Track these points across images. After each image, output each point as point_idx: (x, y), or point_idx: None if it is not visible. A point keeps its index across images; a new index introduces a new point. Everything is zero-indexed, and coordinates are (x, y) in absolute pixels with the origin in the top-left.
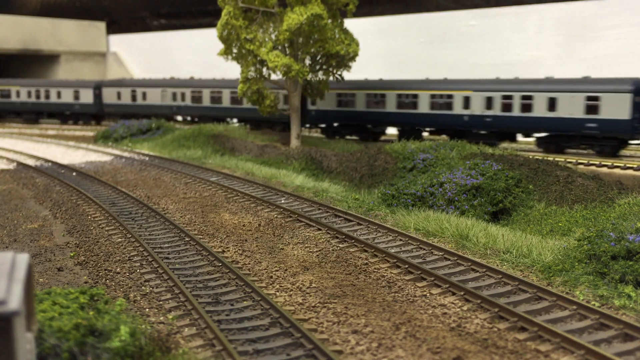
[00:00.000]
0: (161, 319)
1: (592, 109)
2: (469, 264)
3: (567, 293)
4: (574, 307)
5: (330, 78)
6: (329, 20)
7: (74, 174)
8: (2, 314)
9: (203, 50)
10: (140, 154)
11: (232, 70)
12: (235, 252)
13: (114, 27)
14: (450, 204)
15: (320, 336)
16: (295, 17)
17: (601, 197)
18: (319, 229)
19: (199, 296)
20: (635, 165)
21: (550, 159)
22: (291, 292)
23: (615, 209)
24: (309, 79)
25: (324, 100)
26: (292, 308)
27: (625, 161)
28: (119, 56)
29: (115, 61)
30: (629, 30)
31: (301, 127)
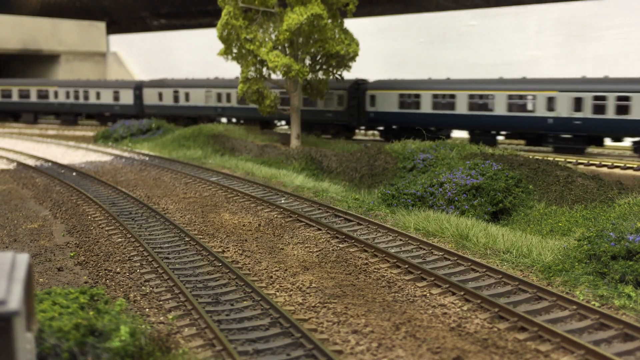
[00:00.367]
0: (161, 319)
1: None
2: (469, 264)
3: (567, 293)
4: (574, 307)
5: (330, 77)
6: (329, 20)
7: (74, 174)
8: (2, 314)
9: (203, 50)
10: (140, 154)
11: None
12: (235, 252)
13: (114, 27)
14: (450, 204)
15: (320, 336)
16: (295, 17)
17: (601, 197)
18: (319, 229)
19: (199, 296)
20: (635, 165)
21: (550, 159)
22: (291, 292)
23: (615, 209)
24: (308, 78)
25: (385, 101)
26: (292, 308)
27: (625, 161)
28: (119, 56)
29: (115, 61)
30: (629, 30)
31: (356, 130)
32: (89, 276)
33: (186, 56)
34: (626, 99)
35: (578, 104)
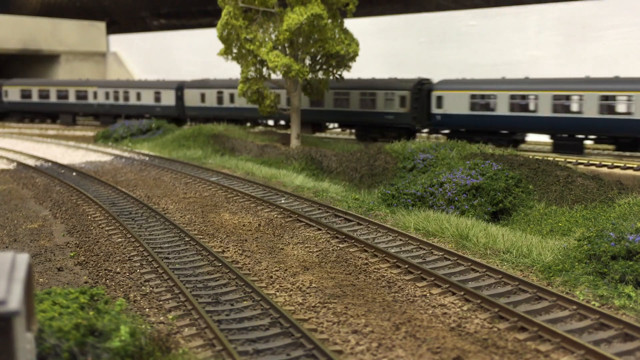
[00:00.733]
0: (161, 319)
1: None
2: (469, 264)
3: (567, 293)
4: (574, 307)
5: (330, 77)
6: (329, 20)
7: (74, 174)
8: (2, 314)
9: (203, 50)
10: (140, 154)
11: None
12: (235, 252)
13: (114, 27)
14: (450, 204)
15: (320, 336)
16: (295, 17)
17: (601, 197)
18: (319, 229)
19: (199, 296)
20: (635, 165)
21: (550, 158)
22: (291, 292)
23: (615, 209)
24: (308, 78)
25: (454, 103)
26: (292, 308)
27: (625, 161)
28: (119, 56)
29: (115, 61)
30: (629, 30)
31: (416, 133)
32: (89, 276)
33: (186, 56)
34: None
35: None
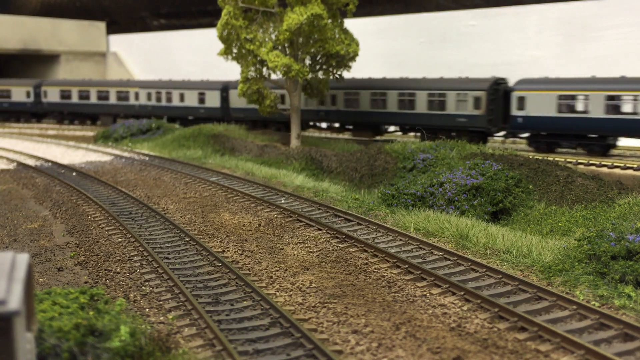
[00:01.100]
0: (161, 319)
1: None
2: (469, 264)
3: (567, 293)
4: (574, 307)
5: (331, 77)
6: (329, 20)
7: (74, 174)
8: (2, 314)
9: (203, 50)
10: (140, 154)
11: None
12: (235, 252)
13: (114, 27)
14: (450, 204)
15: (320, 336)
16: (295, 17)
17: (601, 197)
18: (319, 229)
19: (199, 296)
20: (635, 165)
21: (550, 158)
22: (291, 292)
23: (615, 209)
24: (308, 78)
25: (538, 104)
26: (292, 308)
27: (625, 161)
28: (119, 56)
29: (115, 61)
30: (629, 30)
31: (489, 137)
32: (89, 276)
33: (186, 56)
34: None
35: None
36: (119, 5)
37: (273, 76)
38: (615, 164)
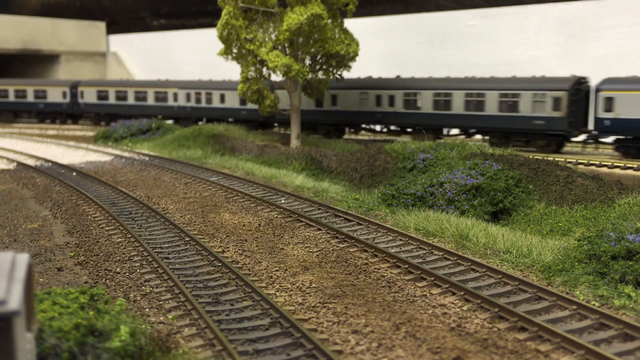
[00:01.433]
0: (161, 319)
1: None
2: (469, 264)
3: (567, 293)
4: (574, 307)
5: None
6: (329, 20)
7: (74, 173)
8: (2, 314)
9: (203, 50)
10: (140, 154)
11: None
12: (235, 252)
13: (114, 27)
14: (450, 204)
15: (320, 336)
16: (295, 17)
17: (601, 197)
18: (319, 229)
19: (199, 296)
20: (635, 165)
21: (550, 158)
22: (291, 292)
23: (615, 209)
24: (308, 78)
25: (631, 105)
26: (292, 308)
27: (625, 161)
28: (119, 56)
29: (115, 61)
30: (629, 30)
31: (566, 142)
32: (89, 276)
33: (186, 56)
34: None
35: None
36: (119, 5)
37: (273, 76)
38: (615, 164)
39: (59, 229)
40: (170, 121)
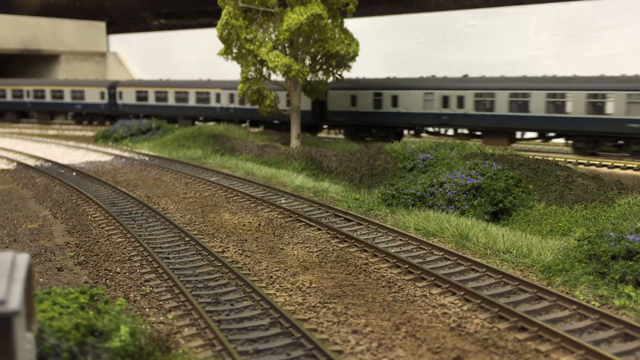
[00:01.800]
0: (161, 318)
1: None
2: (469, 264)
3: (567, 293)
4: (574, 307)
5: (330, 78)
6: (329, 20)
7: (74, 173)
8: (2, 314)
9: (203, 50)
10: (140, 154)
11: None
12: (235, 252)
13: (114, 27)
14: (450, 204)
15: (320, 336)
16: (295, 17)
17: (601, 197)
18: (319, 229)
19: (199, 296)
20: (635, 165)
21: (550, 158)
22: (291, 292)
23: (615, 209)
24: (309, 79)
25: None
26: (292, 308)
27: (625, 161)
28: (119, 56)
29: (115, 61)
30: (629, 30)
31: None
32: (89, 276)
33: (186, 56)
34: None
35: None
36: (119, 5)
37: (273, 76)
38: (615, 164)
39: (59, 229)
40: (211, 123)
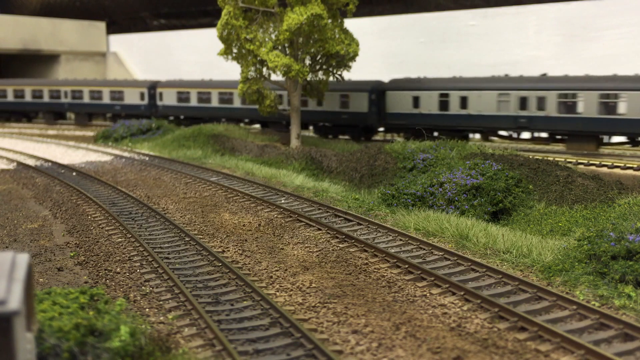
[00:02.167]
0: (161, 318)
1: None
2: (469, 264)
3: (567, 293)
4: (574, 307)
5: (330, 78)
6: (329, 20)
7: (74, 173)
8: (2, 314)
9: (203, 50)
10: (140, 154)
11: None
12: (235, 252)
13: (114, 27)
14: (450, 204)
15: (320, 336)
16: (295, 17)
17: (601, 197)
18: (319, 229)
19: (199, 296)
20: (635, 165)
21: (550, 158)
22: (291, 292)
23: (615, 209)
24: (309, 79)
25: None
26: (292, 308)
27: (625, 161)
28: (119, 56)
29: (115, 61)
30: (629, 30)
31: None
32: (89, 276)
33: (186, 56)
34: None
35: None
36: (119, 5)
37: (273, 76)
38: (615, 164)
39: (59, 229)
40: (257, 125)
